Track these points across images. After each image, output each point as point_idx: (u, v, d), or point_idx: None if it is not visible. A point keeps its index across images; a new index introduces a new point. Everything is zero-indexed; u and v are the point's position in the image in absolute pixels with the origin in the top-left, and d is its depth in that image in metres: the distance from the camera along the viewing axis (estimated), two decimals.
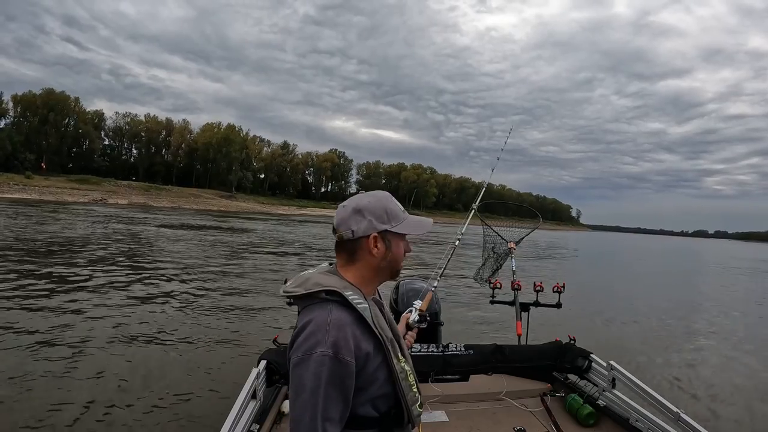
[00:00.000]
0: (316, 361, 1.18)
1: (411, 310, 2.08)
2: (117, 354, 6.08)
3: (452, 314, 9.23)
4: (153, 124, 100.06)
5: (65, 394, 4.85)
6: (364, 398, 1.28)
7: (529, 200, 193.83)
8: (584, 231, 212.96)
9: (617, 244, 77.09)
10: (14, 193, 53.08)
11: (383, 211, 1.37)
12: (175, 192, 79.53)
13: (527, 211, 5.38)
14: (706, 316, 12.76)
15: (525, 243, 4.78)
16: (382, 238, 1.36)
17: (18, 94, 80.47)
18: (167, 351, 6.37)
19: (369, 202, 1.38)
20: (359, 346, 1.25)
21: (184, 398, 4.94)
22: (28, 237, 17.51)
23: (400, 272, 1.48)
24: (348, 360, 1.20)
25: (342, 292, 1.28)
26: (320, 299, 1.29)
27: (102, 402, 4.70)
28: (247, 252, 18.96)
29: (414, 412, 1.36)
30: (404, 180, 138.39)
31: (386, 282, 1.50)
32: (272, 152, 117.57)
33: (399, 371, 1.33)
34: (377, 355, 1.29)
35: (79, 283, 10.06)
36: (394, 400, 1.33)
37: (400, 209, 1.42)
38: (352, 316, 1.27)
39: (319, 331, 1.22)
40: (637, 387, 2.75)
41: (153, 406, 4.71)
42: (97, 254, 14.65)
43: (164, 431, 4.34)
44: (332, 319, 1.23)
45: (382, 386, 1.31)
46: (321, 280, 1.32)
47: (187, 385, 5.29)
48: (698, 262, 42.08)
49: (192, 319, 8.00)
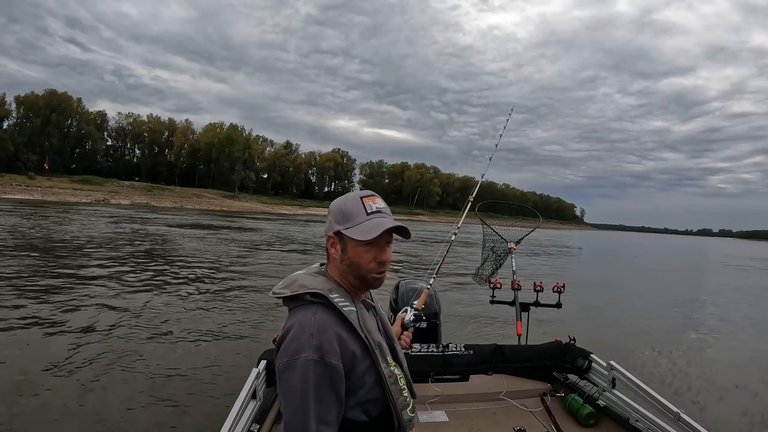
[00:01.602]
0: (303, 366, 1.18)
1: (406, 310, 2.07)
2: (117, 353, 6.09)
3: (452, 314, 9.23)
4: (156, 124, 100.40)
5: (65, 389, 4.88)
6: (352, 402, 1.26)
7: (532, 199, 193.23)
8: (588, 230, 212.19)
9: (621, 243, 76.82)
10: (17, 194, 53.32)
11: (340, 211, 1.34)
12: (178, 192, 79.73)
13: (528, 211, 5.38)
14: (707, 316, 12.72)
15: (528, 242, 4.78)
16: (339, 239, 1.34)
17: (20, 95, 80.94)
18: (168, 350, 6.38)
19: (335, 202, 1.39)
20: (345, 349, 1.23)
21: (185, 398, 4.95)
22: (46, 236, 17.65)
23: (376, 281, 1.36)
24: (334, 363, 1.19)
25: (327, 294, 1.27)
26: (305, 301, 1.29)
27: (101, 400, 4.72)
28: (258, 250, 19.17)
29: (404, 417, 1.33)
30: (407, 179, 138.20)
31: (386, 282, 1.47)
32: (275, 152, 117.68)
33: (388, 375, 1.31)
34: (364, 358, 1.28)
35: (86, 280, 10.09)
36: (385, 405, 1.31)
37: (363, 211, 1.32)
38: (337, 318, 1.26)
39: (303, 335, 1.21)
40: (637, 387, 2.74)
41: (153, 406, 4.72)
42: (115, 253, 14.83)
43: (164, 431, 4.35)
44: (316, 322, 1.23)
45: (371, 390, 1.29)
46: (306, 282, 1.32)
47: (187, 384, 5.30)
48: (701, 261, 42.02)
49: (193, 319, 8.02)
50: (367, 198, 1.35)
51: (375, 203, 1.34)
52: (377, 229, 1.28)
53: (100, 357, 5.90)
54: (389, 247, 1.35)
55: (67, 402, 4.66)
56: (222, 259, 16.06)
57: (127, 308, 8.31)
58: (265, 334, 7.26)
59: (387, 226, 1.29)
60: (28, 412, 4.42)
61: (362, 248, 1.31)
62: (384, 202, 1.38)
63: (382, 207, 1.35)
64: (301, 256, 18.94)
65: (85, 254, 14.50)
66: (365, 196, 1.35)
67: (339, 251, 1.34)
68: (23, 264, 11.74)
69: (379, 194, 1.38)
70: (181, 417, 4.57)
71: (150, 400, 4.84)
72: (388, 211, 1.36)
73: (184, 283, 11.23)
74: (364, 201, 1.33)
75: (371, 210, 1.32)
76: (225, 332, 7.44)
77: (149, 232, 24.14)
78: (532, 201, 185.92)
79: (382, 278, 1.37)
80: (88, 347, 6.22)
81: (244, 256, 17.48)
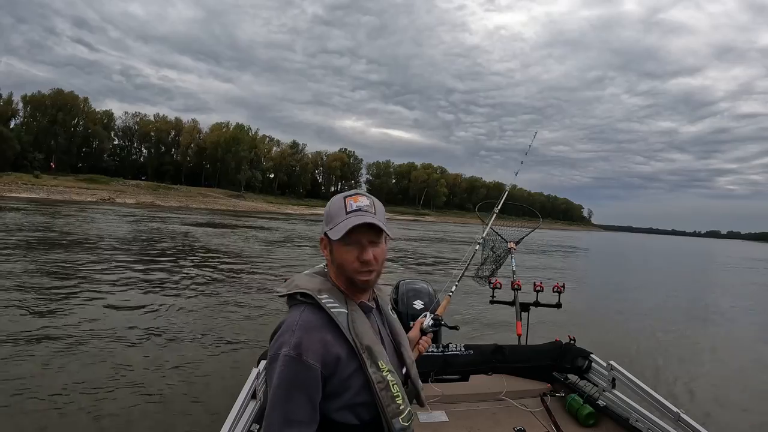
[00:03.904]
0: (281, 361, 1.21)
1: (426, 315, 2.04)
2: (117, 352, 6.13)
3: (452, 314, 9.20)
4: (162, 124, 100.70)
5: (65, 387, 4.91)
6: (338, 404, 1.26)
7: (540, 200, 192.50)
8: (596, 231, 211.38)
9: (628, 245, 76.49)
10: (22, 192, 53.66)
11: (326, 214, 1.35)
12: (183, 191, 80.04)
13: (528, 210, 5.36)
14: (708, 316, 12.70)
15: (532, 243, 4.77)
16: (328, 241, 1.33)
17: (27, 95, 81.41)
18: (168, 350, 6.41)
19: (327, 205, 1.38)
20: (328, 352, 1.23)
21: (184, 398, 4.97)
22: (64, 232, 17.79)
23: (363, 282, 1.34)
24: (310, 363, 1.20)
25: (315, 294, 1.28)
26: (297, 301, 1.31)
27: (101, 399, 4.74)
28: (280, 246, 19.32)
29: (395, 426, 1.29)
30: (414, 180, 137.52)
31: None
32: (281, 152, 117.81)
33: (377, 381, 1.28)
34: (350, 361, 1.27)
35: (85, 279, 10.18)
36: (376, 409, 1.29)
37: (343, 210, 1.30)
38: (324, 319, 1.27)
39: (286, 332, 1.24)
40: (637, 387, 2.74)
41: (153, 406, 4.73)
42: (129, 251, 14.95)
43: (164, 431, 4.36)
44: (300, 321, 1.25)
45: (359, 394, 1.28)
46: (301, 282, 1.34)
47: (187, 384, 5.31)
48: (708, 263, 41.85)
49: (194, 318, 8.07)
50: (350, 197, 1.33)
51: (356, 202, 1.31)
52: (345, 227, 1.26)
53: (100, 358, 5.93)
54: (375, 246, 1.32)
55: (66, 400, 4.68)
56: (243, 256, 16.43)
57: (133, 304, 8.42)
58: (265, 334, 7.23)
59: (353, 224, 1.26)
60: (25, 412, 4.44)
61: (343, 248, 1.29)
62: (370, 200, 1.35)
63: (363, 205, 1.31)
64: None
65: (103, 252, 14.64)
66: (348, 195, 1.33)
67: (328, 253, 1.35)
68: (33, 260, 11.85)
69: (384, 195, 1.36)
70: (182, 417, 4.58)
71: (150, 399, 4.85)
72: (372, 210, 1.32)
73: (200, 280, 11.39)
74: (347, 200, 1.32)
75: (351, 209, 1.30)
76: (225, 332, 7.47)
77: (173, 230, 24.91)
78: (540, 202, 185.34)
79: (369, 279, 1.33)
80: (88, 347, 6.26)
81: (262, 253, 17.80)
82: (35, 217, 26.76)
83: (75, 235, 19.49)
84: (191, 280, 11.52)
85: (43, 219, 25.66)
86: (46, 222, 23.98)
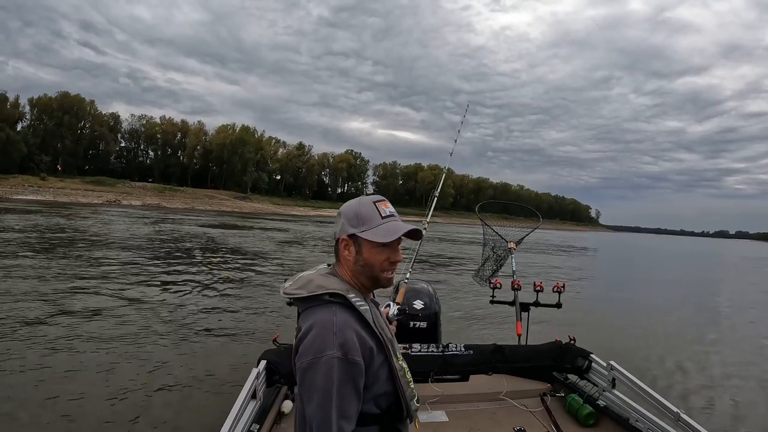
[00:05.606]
0: (327, 364, 1.24)
1: (389, 304, 2.11)
2: (117, 351, 6.18)
3: (452, 314, 9.30)
4: (168, 126, 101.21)
5: (66, 387, 4.95)
6: (368, 396, 1.32)
7: (548, 201, 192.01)
8: (604, 232, 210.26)
9: (636, 246, 76.17)
10: (29, 195, 54.04)
11: (354, 215, 1.41)
12: (189, 193, 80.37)
13: (528, 211, 5.36)
14: (708, 317, 12.68)
15: (536, 244, 4.77)
16: (353, 242, 1.40)
17: (34, 97, 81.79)
18: (168, 350, 6.45)
19: (347, 206, 1.46)
20: (364, 346, 1.30)
21: (185, 398, 5.00)
22: (69, 235, 17.94)
23: (388, 280, 1.46)
24: (357, 359, 1.26)
25: (345, 294, 1.33)
26: (323, 301, 1.34)
27: (102, 399, 4.77)
28: (291, 246, 19.36)
29: (412, 407, 1.42)
30: (421, 180, 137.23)
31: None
32: (287, 153, 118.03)
33: (398, 369, 1.38)
34: (379, 354, 1.34)
35: (85, 279, 10.26)
36: (395, 397, 1.38)
37: (378, 215, 1.41)
38: (355, 317, 1.32)
39: (326, 334, 1.27)
40: (637, 387, 2.73)
41: (153, 405, 4.76)
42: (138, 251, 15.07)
43: (164, 431, 4.38)
44: (338, 321, 1.29)
45: (384, 384, 1.36)
46: (323, 283, 1.37)
47: (187, 384, 5.34)
48: (714, 264, 41.62)
49: (195, 318, 8.12)
50: (380, 203, 1.43)
51: (387, 208, 1.43)
52: (395, 232, 1.38)
53: (100, 356, 5.98)
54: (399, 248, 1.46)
55: (67, 399, 4.72)
56: (256, 256, 16.64)
57: (135, 303, 8.49)
58: (266, 334, 7.30)
59: (405, 229, 1.40)
60: (27, 410, 4.48)
61: (377, 250, 1.39)
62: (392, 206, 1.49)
63: (393, 211, 1.45)
64: (330, 252, 19.20)
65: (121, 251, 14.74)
66: (377, 201, 1.44)
67: (353, 253, 1.41)
68: (49, 260, 11.97)
69: (391, 196, 1.42)
70: (182, 416, 4.60)
71: (150, 399, 4.88)
72: (398, 215, 1.46)
73: (209, 279, 11.60)
74: (378, 205, 1.42)
75: (385, 214, 1.41)
76: (225, 332, 7.52)
77: (189, 232, 25.28)
78: (548, 203, 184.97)
79: (393, 278, 1.46)
80: (88, 346, 6.31)
81: (278, 253, 18.15)
82: (51, 218, 27.18)
83: (101, 236, 20.10)
84: (212, 278, 11.89)
85: (63, 221, 26.18)
86: (67, 224, 24.58)
